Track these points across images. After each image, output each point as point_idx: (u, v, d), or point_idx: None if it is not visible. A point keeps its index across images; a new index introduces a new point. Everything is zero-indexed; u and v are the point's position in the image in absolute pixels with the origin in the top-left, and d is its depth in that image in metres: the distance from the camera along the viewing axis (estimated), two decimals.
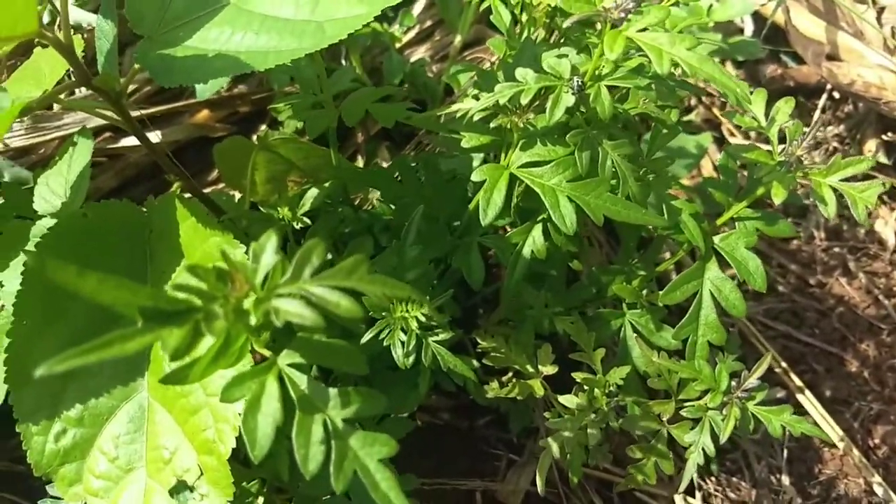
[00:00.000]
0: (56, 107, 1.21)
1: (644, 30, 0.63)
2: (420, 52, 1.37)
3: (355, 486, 0.88)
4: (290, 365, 0.51)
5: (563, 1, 0.62)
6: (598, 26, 0.91)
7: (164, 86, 0.72)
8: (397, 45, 1.35)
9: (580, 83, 0.68)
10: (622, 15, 0.62)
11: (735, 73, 1.50)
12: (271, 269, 0.46)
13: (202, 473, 0.70)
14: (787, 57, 1.49)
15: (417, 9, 1.39)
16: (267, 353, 0.52)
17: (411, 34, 1.38)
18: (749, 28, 1.48)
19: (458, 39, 1.33)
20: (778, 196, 0.72)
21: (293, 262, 0.46)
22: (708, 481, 1.16)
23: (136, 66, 0.76)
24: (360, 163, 1.30)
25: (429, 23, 1.40)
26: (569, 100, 0.67)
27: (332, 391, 0.51)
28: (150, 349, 0.74)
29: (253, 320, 0.46)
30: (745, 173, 1.04)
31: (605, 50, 0.62)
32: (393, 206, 0.89)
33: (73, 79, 0.79)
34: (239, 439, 0.68)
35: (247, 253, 0.56)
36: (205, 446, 0.69)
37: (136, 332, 0.43)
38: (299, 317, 0.43)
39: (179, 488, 0.71)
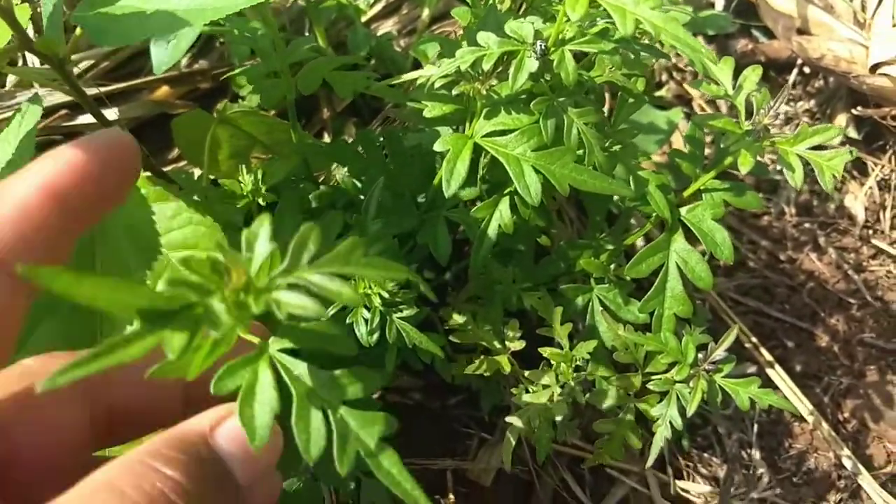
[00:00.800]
0: (9, 84, 1.17)
1: None
2: (387, 26, 1.34)
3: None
4: (280, 351, 0.49)
5: None
6: None
7: (103, 45, 0.69)
8: (363, 19, 1.32)
9: (543, 47, 0.66)
10: None
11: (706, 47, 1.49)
12: (266, 259, 0.44)
13: None
14: (758, 32, 1.48)
15: None
16: (254, 339, 0.50)
17: (378, 7, 1.35)
18: (720, 3, 1.47)
19: (425, 13, 1.31)
20: (745, 165, 0.71)
21: (290, 249, 0.44)
22: (679, 457, 1.16)
23: (79, 30, 0.73)
24: (326, 139, 1.27)
25: None
26: (532, 65, 0.66)
27: (327, 374, 0.49)
28: (106, 335, 0.71)
29: (254, 311, 0.44)
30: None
31: (567, 11, 0.60)
32: (357, 183, 0.87)
33: (15, 43, 0.76)
34: None
35: None
36: None
37: (138, 336, 0.41)
38: (302, 308, 0.42)
39: None
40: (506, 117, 0.71)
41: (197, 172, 1.04)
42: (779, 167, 0.72)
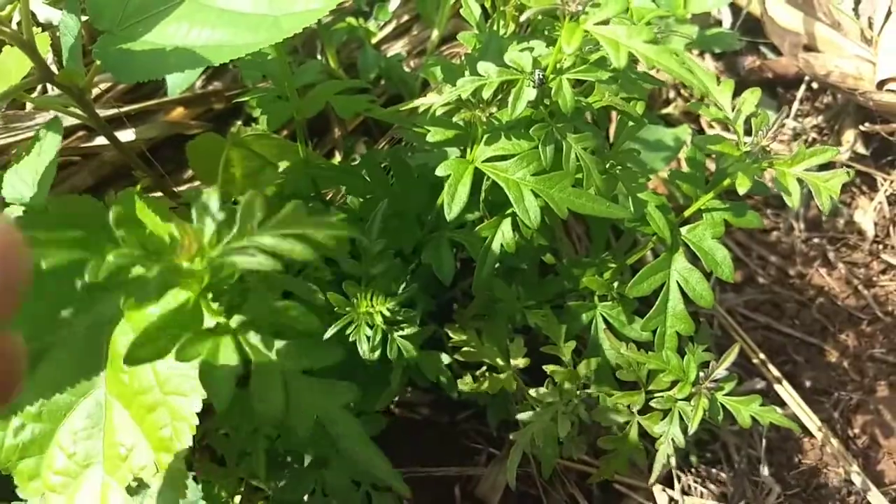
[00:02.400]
0: (29, 106, 1.20)
1: (604, 22, 0.63)
2: (397, 47, 1.36)
3: (334, 484, 0.89)
4: (242, 325, 0.53)
5: None
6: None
7: (123, 82, 0.72)
8: (374, 41, 1.35)
9: (541, 76, 0.67)
10: (579, 8, 0.62)
11: (714, 65, 1.50)
12: (216, 227, 0.48)
13: (158, 470, 0.70)
14: (766, 48, 1.49)
15: (394, 4, 1.38)
16: (221, 319, 0.53)
17: (388, 29, 1.38)
18: (727, 20, 1.48)
19: (435, 34, 1.33)
20: (742, 186, 0.72)
21: (237, 216, 0.47)
22: (687, 472, 1.16)
23: (97, 62, 0.76)
24: (337, 157, 1.29)
25: (406, 17, 1.39)
26: (530, 93, 0.67)
27: (287, 344, 0.53)
28: (108, 346, 0.73)
29: (205, 277, 0.47)
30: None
31: (563, 44, 0.62)
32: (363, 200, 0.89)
33: (36, 76, 0.79)
34: (208, 446, 0.68)
35: None
36: (162, 444, 0.69)
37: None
38: (257, 264, 0.45)
39: (136, 485, 0.71)
40: (506, 143, 0.73)
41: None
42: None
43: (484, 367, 0.94)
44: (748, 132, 0.77)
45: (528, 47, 0.74)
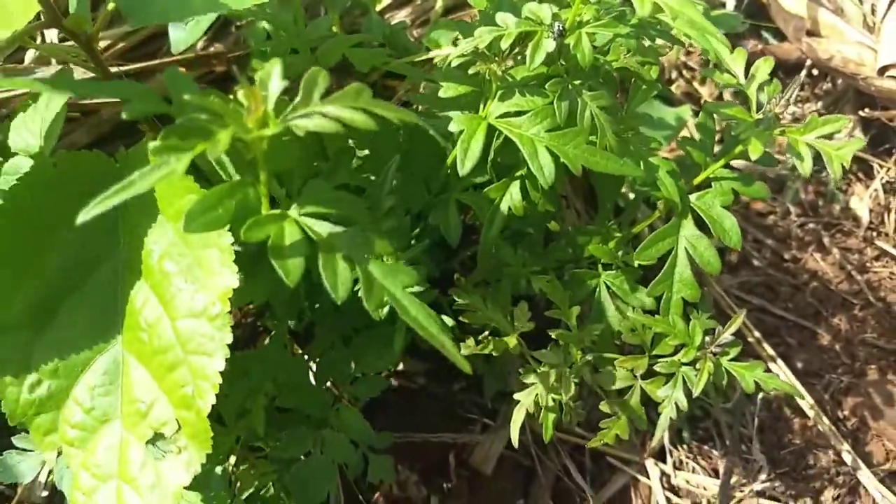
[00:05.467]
0: (28, 60, 1.18)
1: None
2: (401, 16, 1.35)
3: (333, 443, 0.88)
4: (303, 215, 0.57)
5: None
6: None
7: (137, 24, 0.70)
8: (378, 8, 1.33)
9: (561, 28, 0.67)
10: None
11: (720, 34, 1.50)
12: (280, 94, 0.51)
13: (180, 427, 0.70)
14: (768, 33, 1.50)
15: None
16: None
17: None
18: (731, 3, 1.48)
19: (439, 3, 1.32)
20: (755, 152, 0.72)
21: (301, 87, 0.51)
22: (679, 448, 1.17)
23: (110, 6, 0.75)
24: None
25: None
26: (549, 45, 0.67)
27: (351, 230, 0.57)
28: (125, 303, 0.73)
29: (272, 131, 0.50)
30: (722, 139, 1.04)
31: None
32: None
33: (43, 20, 0.77)
34: (217, 396, 0.68)
35: None
36: (183, 402, 0.68)
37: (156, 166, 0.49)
38: (319, 127, 0.48)
39: (156, 440, 0.71)
40: (520, 99, 0.72)
41: None
42: (788, 159, 0.74)
43: (487, 333, 0.94)
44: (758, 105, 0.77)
45: (544, 3, 0.74)
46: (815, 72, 1.48)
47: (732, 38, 1.49)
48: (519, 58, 0.73)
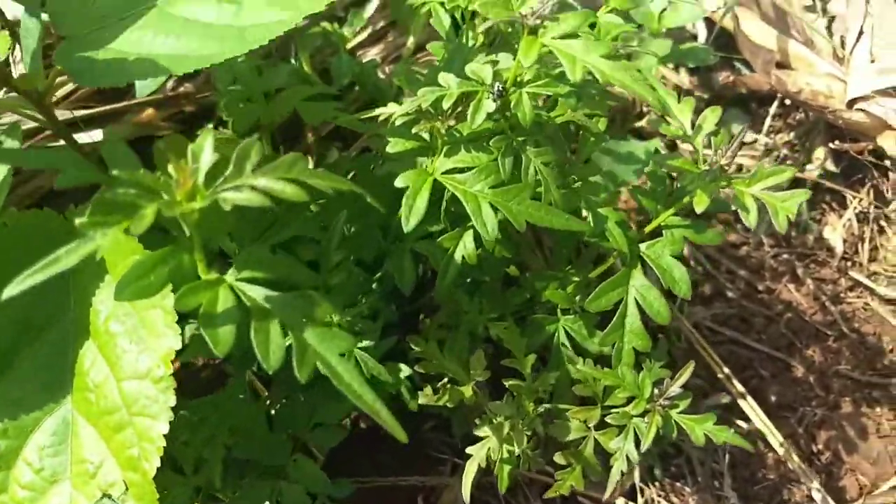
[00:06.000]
0: None
1: (564, 37, 0.63)
2: (372, 53, 1.36)
3: (290, 494, 0.88)
4: (239, 280, 0.57)
5: (481, 5, 0.62)
6: None
7: (84, 86, 0.71)
8: (349, 46, 1.34)
9: (501, 89, 0.67)
10: (538, 21, 0.62)
11: (689, 79, 1.51)
12: (211, 167, 0.51)
13: (127, 488, 0.70)
14: (740, 64, 1.50)
15: (370, 10, 1.38)
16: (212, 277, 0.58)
17: (364, 35, 1.37)
18: (702, 35, 1.49)
19: (410, 41, 1.33)
20: (700, 204, 0.72)
21: (232, 159, 0.50)
22: (651, 486, 1.16)
23: (58, 67, 0.75)
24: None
25: (382, 24, 1.39)
26: (489, 106, 0.67)
27: (286, 296, 0.56)
28: (74, 364, 0.73)
29: (199, 206, 0.50)
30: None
31: (520, 57, 0.62)
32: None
33: None
34: (166, 454, 0.69)
35: None
36: (130, 463, 0.69)
37: (83, 241, 0.47)
38: (247, 200, 0.48)
39: (105, 500, 0.71)
40: (465, 155, 0.73)
41: None
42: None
43: (445, 380, 0.94)
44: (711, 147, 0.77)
45: (492, 59, 0.74)
46: (787, 102, 1.48)
47: (704, 70, 1.50)
48: (464, 114, 0.73)
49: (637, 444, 0.76)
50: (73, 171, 0.62)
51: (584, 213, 0.82)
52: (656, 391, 0.76)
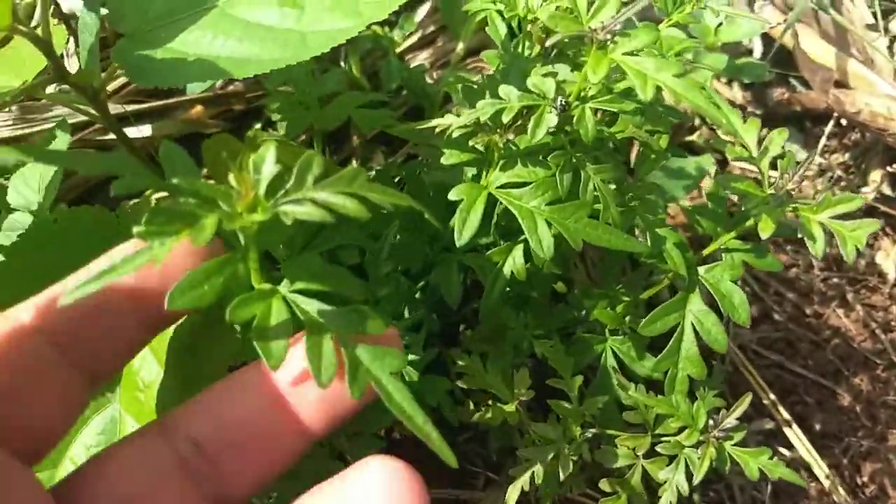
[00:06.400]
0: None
1: (632, 53, 0.61)
2: (421, 58, 1.35)
3: None
4: (292, 291, 0.55)
5: (549, 18, 0.60)
6: None
7: (141, 85, 0.70)
8: (398, 50, 1.33)
9: (564, 104, 0.65)
10: (608, 36, 0.60)
11: (742, 94, 1.47)
12: (272, 179, 0.49)
13: None
14: (796, 81, 1.46)
15: (421, 14, 1.37)
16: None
17: (413, 39, 1.36)
18: (758, 50, 1.45)
19: (460, 47, 1.31)
20: (765, 231, 0.69)
21: (294, 171, 0.48)
22: None
23: (115, 64, 0.75)
24: (354, 165, 1.28)
25: (431, 28, 1.38)
26: (551, 120, 0.65)
27: (339, 310, 0.54)
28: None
29: (260, 218, 0.48)
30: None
31: (589, 72, 0.60)
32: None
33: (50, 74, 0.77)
34: None
35: None
36: None
37: (143, 251, 0.46)
38: (308, 215, 0.46)
39: None
40: (522, 170, 0.71)
41: None
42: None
43: (488, 395, 0.92)
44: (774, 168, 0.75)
45: (551, 72, 0.72)
46: (843, 122, 1.44)
47: (759, 86, 1.46)
48: (522, 127, 0.71)
49: (688, 475, 0.74)
50: (129, 177, 0.61)
51: (637, 232, 0.80)
52: (710, 422, 0.74)
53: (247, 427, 0.47)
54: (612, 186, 0.71)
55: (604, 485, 0.78)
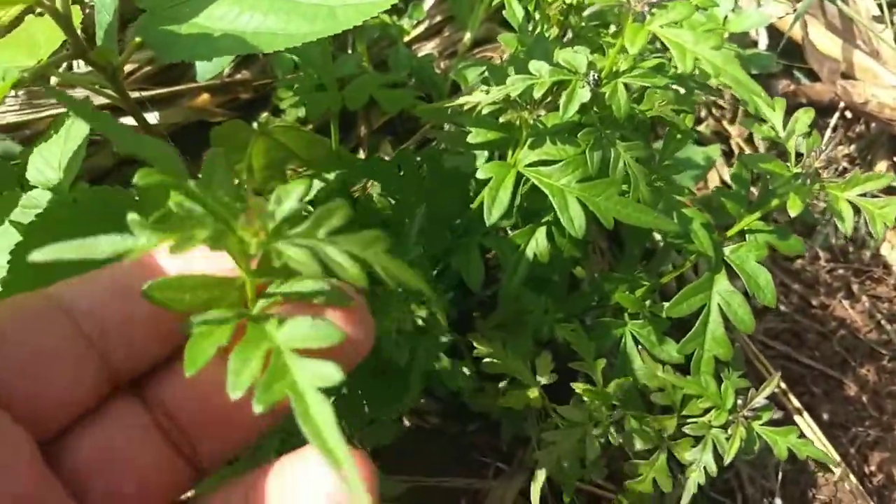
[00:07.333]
0: (54, 81, 1.18)
1: (667, 25, 0.61)
2: (429, 48, 1.34)
3: None
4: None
5: None
6: (612, 28, 0.89)
7: (165, 61, 0.69)
8: (405, 39, 1.32)
9: (596, 78, 0.65)
10: (645, 9, 0.59)
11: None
12: (289, 216, 0.44)
13: None
14: (801, 73, 1.47)
15: (429, 3, 1.36)
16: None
17: (420, 28, 1.35)
18: (763, 41, 1.46)
19: (467, 36, 1.31)
20: (794, 208, 0.69)
21: (313, 216, 0.43)
22: (699, 502, 1.13)
23: (136, 40, 0.73)
24: (361, 155, 1.27)
25: (439, 18, 1.37)
26: (584, 95, 0.65)
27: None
28: None
29: (252, 251, 0.43)
30: (753, 189, 1.01)
31: (626, 44, 0.59)
32: (392, 201, 0.86)
33: (70, 51, 0.76)
34: None
35: None
36: None
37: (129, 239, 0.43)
38: (300, 264, 0.41)
39: None
40: (551, 147, 0.70)
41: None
42: (825, 212, 0.71)
43: (507, 380, 0.92)
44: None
45: (577, 50, 0.72)
46: (847, 114, 1.45)
47: (764, 77, 1.47)
48: (550, 105, 0.70)
49: (716, 456, 0.73)
50: (154, 172, 0.58)
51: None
52: (739, 402, 0.73)
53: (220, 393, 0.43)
54: (641, 166, 0.70)
55: (630, 467, 0.77)
